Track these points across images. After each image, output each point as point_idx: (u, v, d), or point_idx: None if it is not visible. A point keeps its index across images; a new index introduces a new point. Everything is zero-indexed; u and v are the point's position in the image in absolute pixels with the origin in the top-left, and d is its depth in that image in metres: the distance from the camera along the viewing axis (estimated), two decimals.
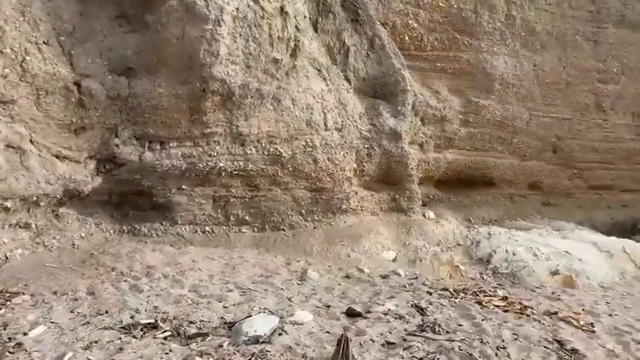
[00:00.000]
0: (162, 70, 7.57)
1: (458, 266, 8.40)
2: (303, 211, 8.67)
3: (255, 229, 8.30)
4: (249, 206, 8.35)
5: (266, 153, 8.23)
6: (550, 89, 13.98)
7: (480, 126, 12.69)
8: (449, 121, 11.99)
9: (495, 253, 9.35)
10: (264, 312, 5.03)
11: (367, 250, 8.53)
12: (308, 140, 8.66)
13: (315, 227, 8.72)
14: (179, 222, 7.99)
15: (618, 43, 14.93)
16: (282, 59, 8.20)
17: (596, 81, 14.66)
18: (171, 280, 6.10)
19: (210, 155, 7.93)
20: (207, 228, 7.98)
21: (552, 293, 7.66)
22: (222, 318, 4.89)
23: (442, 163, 12.11)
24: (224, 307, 5.27)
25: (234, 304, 5.37)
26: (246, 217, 8.33)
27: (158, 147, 7.72)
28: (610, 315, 6.39)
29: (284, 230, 8.47)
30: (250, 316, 4.82)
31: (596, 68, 14.63)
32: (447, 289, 6.69)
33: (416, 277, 7.41)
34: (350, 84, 9.79)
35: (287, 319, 4.88)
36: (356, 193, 9.35)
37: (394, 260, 8.51)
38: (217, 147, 7.81)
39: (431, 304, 5.90)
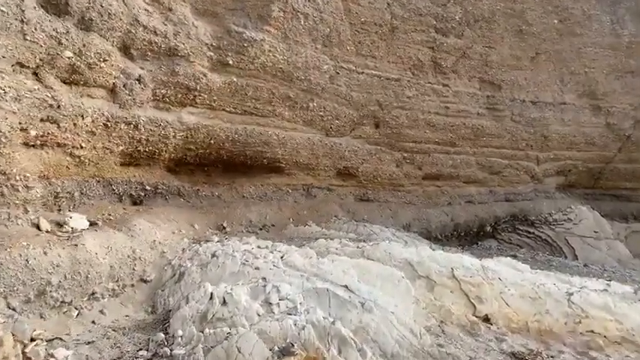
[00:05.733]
0: None
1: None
2: None
3: None
4: None
5: None
6: (368, 33, 9.61)
7: (250, 75, 7.86)
8: (185, 57, 6.99)
9: (187, 302, 4.41)
10: None
11: None
12: None
13: None
14: None
15: None
16: None
17: (432, 30, 10.60)
18: None
19: None
20: None
21: None
22: None
23: (174, 129, 7.09)
24: None
25: None
26: None
27: None
28: None
29: None
30: None
31: (433, 13, 10.57)
32: None
33: None
34: None
35: None
36: None
37: None
38: None
39: None
